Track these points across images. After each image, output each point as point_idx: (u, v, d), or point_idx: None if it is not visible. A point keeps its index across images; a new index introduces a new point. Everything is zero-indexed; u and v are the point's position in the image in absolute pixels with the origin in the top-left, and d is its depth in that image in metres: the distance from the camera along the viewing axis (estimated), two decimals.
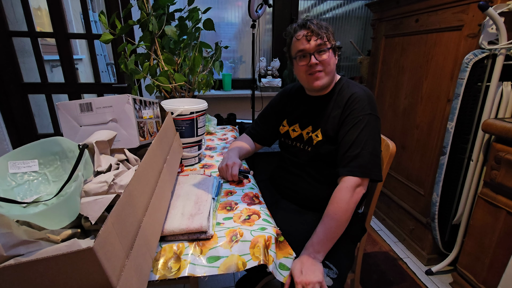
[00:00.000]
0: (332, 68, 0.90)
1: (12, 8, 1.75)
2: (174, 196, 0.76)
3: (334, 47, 0.90)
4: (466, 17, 1.19)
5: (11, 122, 1.74)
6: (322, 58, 0.87)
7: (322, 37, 0.87)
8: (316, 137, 0.93)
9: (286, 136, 1.04)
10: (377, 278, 1.40)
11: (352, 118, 0.85)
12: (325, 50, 0.88)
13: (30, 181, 0.59)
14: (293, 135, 1.01)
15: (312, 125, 0.95)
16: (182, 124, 0.97)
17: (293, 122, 1.01)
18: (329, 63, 0.88)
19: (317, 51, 0.87)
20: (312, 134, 0.94)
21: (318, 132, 0.93)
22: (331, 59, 0.89)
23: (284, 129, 1.04)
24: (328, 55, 0.88)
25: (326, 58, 0.88)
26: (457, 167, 1.30)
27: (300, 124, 0.99)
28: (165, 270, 0.57)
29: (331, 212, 0.79)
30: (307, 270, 0.70)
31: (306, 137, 0.96)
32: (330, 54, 0.88)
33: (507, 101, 1.15)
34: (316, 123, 0.94)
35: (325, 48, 0.87)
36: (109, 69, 3.55)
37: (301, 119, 0.99)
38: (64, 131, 0.72)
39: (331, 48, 0.88)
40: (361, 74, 2.27)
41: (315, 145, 0.93)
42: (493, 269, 1.11)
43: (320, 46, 0.87)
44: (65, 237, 0.49)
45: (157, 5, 1.21)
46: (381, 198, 1.86)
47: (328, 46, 0.88)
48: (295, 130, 1.00)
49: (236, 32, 2.23)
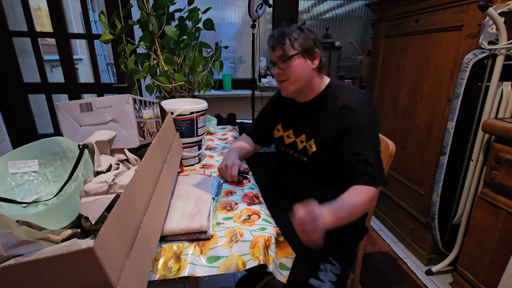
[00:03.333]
0: (299, 76, 0.87)
1: (12, 8, 1.75)
2: (174, 196, 0.76)
3: (304, 51, 0.86)
4: (466, 17, 1.19)
5: (11, 122, 1.74)
6: (281, 68, 0.87)
7: (283, 45, 0.85)
8: (310, 148, 0.91)
9: (280, 142, 1.02)
10: (377, 278, 1.40)
11: (352, 131, 0.83)
12: (287, 59, 0.85)
13: (30, 181, 0.59)
14: (287, 141, 0.99)
15: (305, 134, 0.93)
16: (182, 124, 0.97)
17: (288, 128, 1.00)
18: (292, 72, 0.86)
19: (281, 60, 0.86)
20: (306, 144, 0.92)
21: (311, 143, 0.91)
22: (296, 66, 0.86)
23: (279, 134, 1.03)
24: (290, 64, 0.85)
25: (286, 67, 0.86)
26: (457, 167, 1.30)
27: (294, 131, 0.97)
28: (165, 270, 0.57)
29: (357, 201, 0.75)
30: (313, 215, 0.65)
31: (300, 146, 0.95)
32: (295, 61, 0.85)
33: (507, 101, 1.15)
34: (309, 133, 0.92)
35: (286, 57, 0.85)
36: (109, 69, 3.55)
37: (294, 126, 0.97)
38: (64, 131, 0.72)
39: (296, 54, 0.85)
40: (361, 74, 2.27)
41: (311, 155, 0.91)
42: (493, 269, 1.11)
43: (282, 56, 0.86)
44: (65, 237, 0.49)
45: (157, 5, 1.21)
46: (381, 198, 1.86)
47: (291, 53, 0.85)
48: (289, 137, 0.99)
49: (236, 32, 2.23)
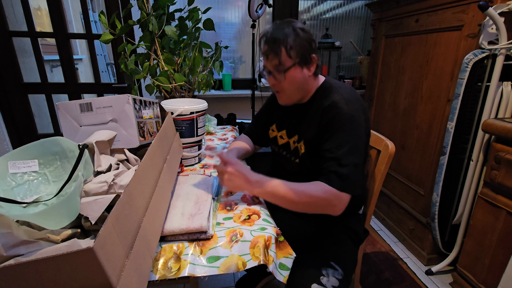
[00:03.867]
0: (296, 87, 0.81)
1: (12, 8, 1.75)
2: (174, 196, 0.76)
3: (301, 61, 0.77)
4: (466, 17, 1.19)
5: (11, 122, 1.74)
6: (277, 79, 0.79)
7: (279, 55, 0.75)
8: (300, 149, 0.89)
9: (274, 142, 1.00)
10: (377, 278, 1.40)
11: (330, 126, 0.77)
12: (283, 71, 0.76)
13: (30, 181, 0.59)
14: (280, 142, 0.97)
15: (298, 135, 0.90)
16: (182, 124, 0.97)
17: (281, 128, 0.97)
18: (289, 84, 0.79)
19: (276, 71, 0.78)
20: (298, 144, 0.90)
21: (301, 144, 0.88)
22: (293, 77, 0.78)
23: (273, 134, 1.00)
24: (286, 76, 0.77)
25: (282, 80, 0.78)
26: (457, 167, 1.30)
27: (287, 132, 0.95)
28: (165, 270, 0.57)
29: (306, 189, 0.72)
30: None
31: (293, 147, 0.92)
32: (292, 72, 0.77)
33: (507, 101, 1.15)
34: (300, 133, 0.89)
35: (282, 69, 0.76)
36: (109, 69, 3.55)
37: (287, 126, 0.95)
38: (64, 131, 0.72)
39: (293, 65, 0.76)
40: (361, 74, 2.27)
41: (301, 156, 0.89)
42: (493, 269, 1.11)
43: (277, 67, 0.77)
44: (65, 237, 0.49)
45: (157, 5, 1.20)
46: (381, 198, 1.86)
47: (287, 65, 0.76)
48: (282, 137, 0.96)
49: (236, 32, 2.23)
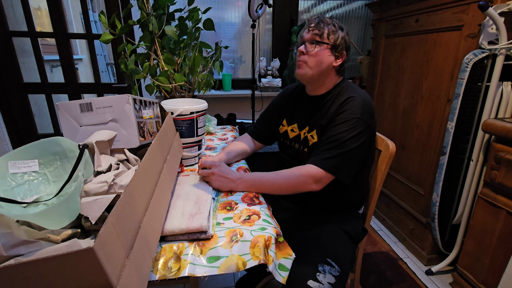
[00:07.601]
0: (317, 63, 0.88)
1: (12, 8, 1.75)
2: (174, 196, 0.76)
3: (333, 47, 0.88)
4: (466, 17, 1.19)
5: (11, 122, 1.74)
6: (308, 49, 0.88)
7: (322, 31, 0.86)
8: (312, 138, 0.92)
9: (285, 136, 1.03)
10: (377, 278, 1.40)
11: (340, 118, 0.84)
12: (316, 43, 0.87)
13: (30, 181, 0.59)
14: (291, 135, 1.00)
15: (309, 126, 0.94)
16: (182, 124, 0.97)
17: (292, 122, 1.01)
18: (314, 57, 0.87)
19: (310, 41, 0.88)
20: (308, 134, 0.94)
21: (313, 133, 0.92)
22: (320, 55, 0.87)
23: (284, 129, 1.04)
24: (316, 48, 0.87)
25: (311, 50, 0.87)
26: (457, 167, 1.30)
27: (299, 124, 0.98)
28: (165, 270, 0.57)
29: (287, 174, 0.82)
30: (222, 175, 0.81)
31: (303, 137, 0.96)
32: (321, 49, 0.87)
33: (507, 101, 1.15)
34: (312, 124, 0.93)
35: (317, 41, 0.87)
36: (109, 69, 3.55)
37: (299, 119, 0.98)
38: (64, 131, 0.72)
39: (326, 44, 0.87)
40: (361, 74, 2.27)
41: (310, 146, 0.92)
42: (493, 269, 1.11)
43: (314, 37, 0.87)
44: (65, 237, 0.49)
45: (157, 5, 1.20)
46: (381, 198, 1.86)
47: (322, 41, 0.87)
48: (294, 130, 1.00)
49: (236, 32, 2.22)
